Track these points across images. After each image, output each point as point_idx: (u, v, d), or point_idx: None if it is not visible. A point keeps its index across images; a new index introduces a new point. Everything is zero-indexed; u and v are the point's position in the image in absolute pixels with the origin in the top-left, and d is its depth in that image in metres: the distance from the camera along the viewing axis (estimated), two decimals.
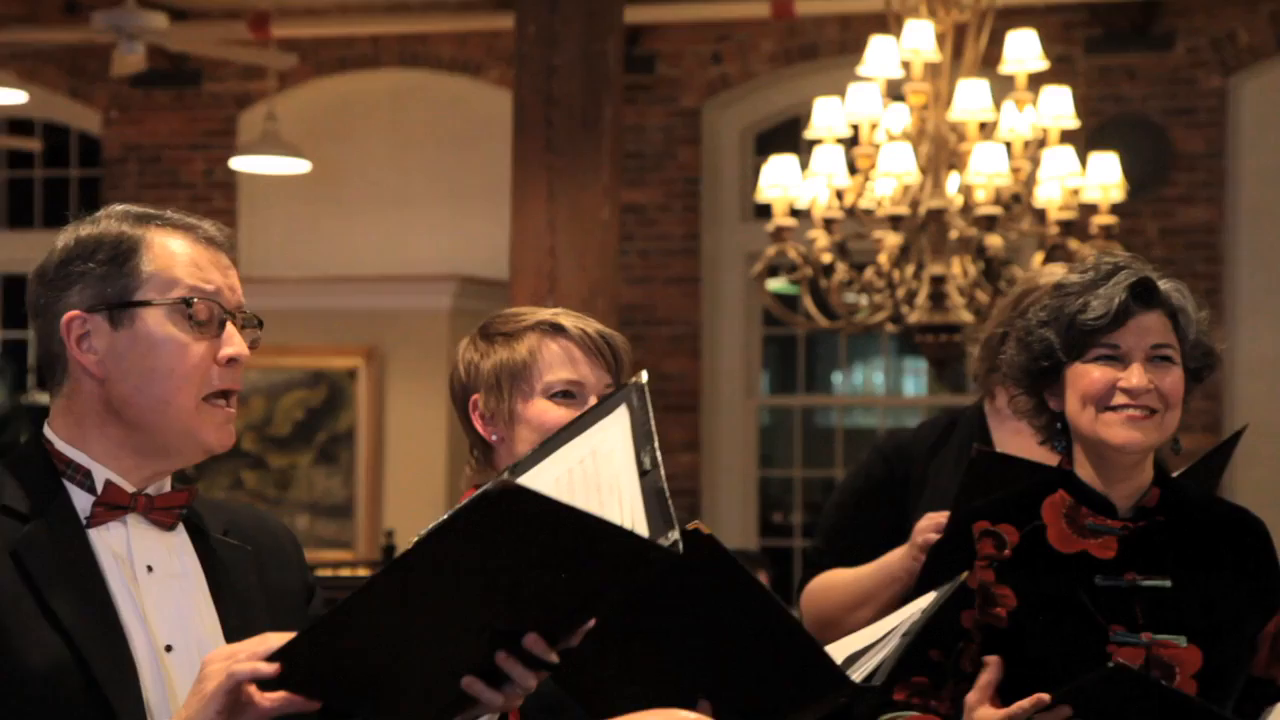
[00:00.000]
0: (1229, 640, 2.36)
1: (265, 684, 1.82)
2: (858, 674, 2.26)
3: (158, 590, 2.00)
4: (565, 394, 2.46)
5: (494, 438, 2.48)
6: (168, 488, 2.05)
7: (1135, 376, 2.45)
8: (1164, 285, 2.49)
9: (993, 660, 2.38)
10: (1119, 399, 2.45)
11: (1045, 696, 2.34)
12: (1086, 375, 2.46)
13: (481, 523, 1.76)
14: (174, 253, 2.02)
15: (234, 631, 2.01)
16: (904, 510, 3.08)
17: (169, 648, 1.98)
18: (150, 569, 2.01)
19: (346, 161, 9.52)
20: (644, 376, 2.00)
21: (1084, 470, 2.51)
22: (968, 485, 2.74)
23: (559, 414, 2.43)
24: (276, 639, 1.84)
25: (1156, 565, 2.47)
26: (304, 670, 1.83)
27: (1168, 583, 2.46)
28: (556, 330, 2.48)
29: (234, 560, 2.07)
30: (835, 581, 3.08)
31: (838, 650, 2.33)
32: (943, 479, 3.07)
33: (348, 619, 1.81)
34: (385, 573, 1.82)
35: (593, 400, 2.44)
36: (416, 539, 1.80)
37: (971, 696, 2.39)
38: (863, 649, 2.34)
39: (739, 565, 2.11)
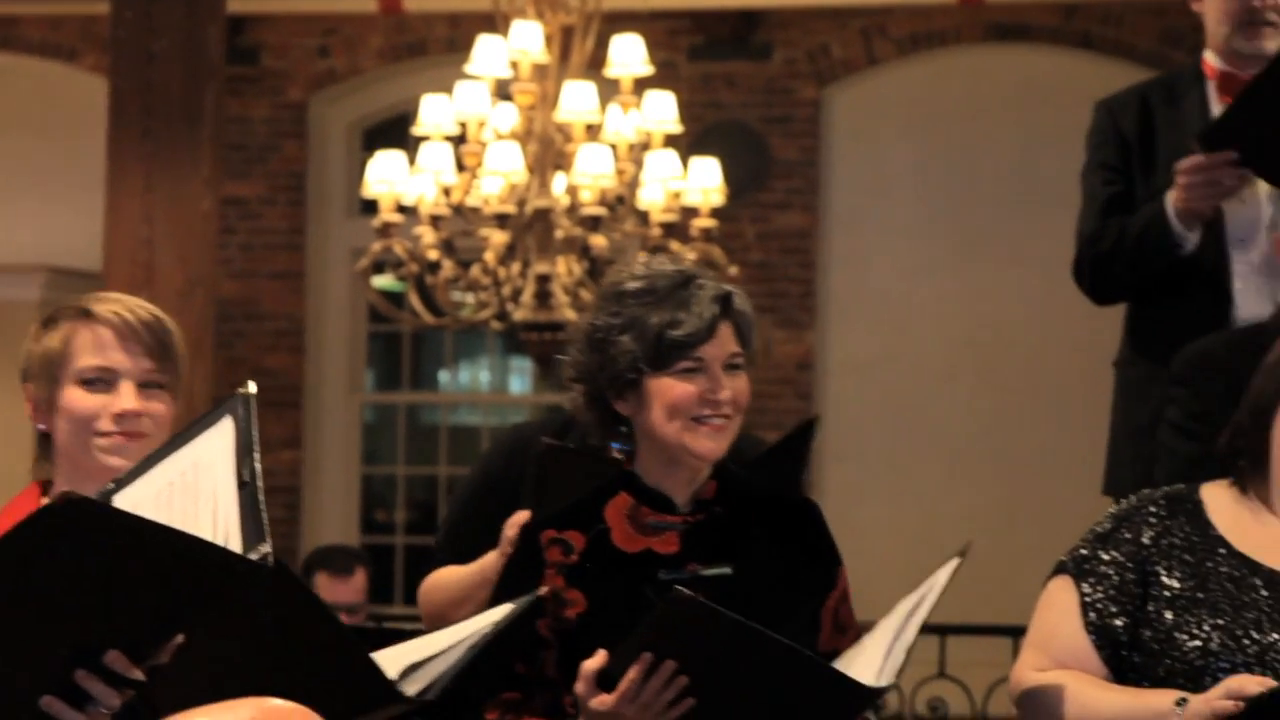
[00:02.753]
0: (791, 619, 2.43)
1: None
2: (414, 685, 2.25)
3: None
4: (96, 380, 2.43)
5: (41, 426, 2.47)
6: None
7: (724, 389, 2.51)
8: (736, 296, 2.55)
9: (600, 651, 2.41)
10: (706, 410, 2.51)
11: (648, 655, 2.34)
12: (675, 389, 2.50)
13: (46, 537, 1.70)
14: None
15: None
16: (520, 506, 3.05)
17: None
18: None
19: None
20: (252, 387, 1.99)
21: (646, 468, 2.56)
22: (538, 480, 2.74)
23: (92, 401, 2.42)
24: None
25: (718, 555, 2.54)
26: None
27: (728, 570, 2.53)
28: (86, 316, 2.45)
29: None
30: (440, 580, 3.06)
31: (399, 656, 2.31)
32: None
33: None
34: None
35: (127, 386, 2.42)
36: None
37: (580, 688, 2.41)
38: (425, 659, 2.32)
39: (292, 574, 2.06)
